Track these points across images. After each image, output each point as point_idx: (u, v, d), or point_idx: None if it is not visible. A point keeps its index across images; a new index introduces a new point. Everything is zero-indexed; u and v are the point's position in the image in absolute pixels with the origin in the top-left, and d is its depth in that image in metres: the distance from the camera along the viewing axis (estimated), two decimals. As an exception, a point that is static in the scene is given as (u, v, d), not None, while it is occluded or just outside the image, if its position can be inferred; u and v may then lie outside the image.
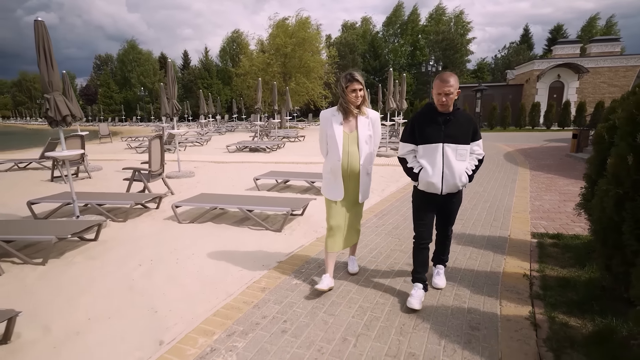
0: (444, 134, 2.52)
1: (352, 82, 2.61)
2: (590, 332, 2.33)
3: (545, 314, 2.55)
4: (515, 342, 2.26)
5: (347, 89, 2.63)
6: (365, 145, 2.74)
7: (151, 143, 6.33)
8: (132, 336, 2.47)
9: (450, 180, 2.54)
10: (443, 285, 2.94)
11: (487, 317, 2.53)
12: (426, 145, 2.58)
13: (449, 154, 2.52)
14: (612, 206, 2.50)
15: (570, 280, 2.99)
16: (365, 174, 2.82)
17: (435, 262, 3.04)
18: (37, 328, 2.59)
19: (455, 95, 2.49)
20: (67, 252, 4.03)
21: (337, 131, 2.70)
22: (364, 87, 2.67)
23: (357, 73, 2.66)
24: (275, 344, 2.28)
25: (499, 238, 4.09)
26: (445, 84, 2.43)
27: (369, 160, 2.82)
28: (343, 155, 2.71)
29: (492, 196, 6.04)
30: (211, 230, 4.68)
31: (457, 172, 2.53)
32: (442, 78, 2.46)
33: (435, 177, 2.55)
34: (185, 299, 2.93)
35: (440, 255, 3.00)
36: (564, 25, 46.21)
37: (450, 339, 2.29)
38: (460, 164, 2.55)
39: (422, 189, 2.65)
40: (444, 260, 3.04)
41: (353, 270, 3.22)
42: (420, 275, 2.76)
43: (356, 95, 2.64)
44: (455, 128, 2.52)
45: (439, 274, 2.99)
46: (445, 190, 2.58)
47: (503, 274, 3.20)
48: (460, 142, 2.53)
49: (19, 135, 37.14)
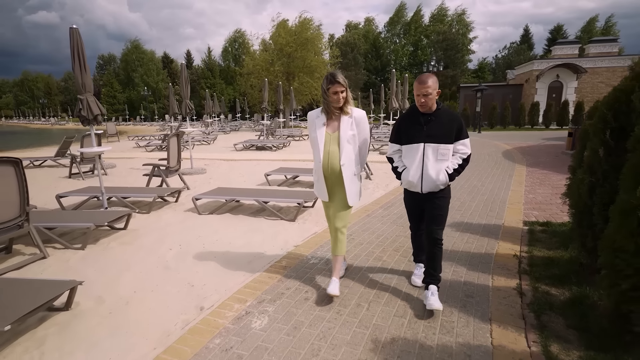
0: (425, 134, 2.56)
1: (333, 84, 2.59)
2: (567, 298, 2.74)
3: (530, 285, 2.96)
4: (503, 306, 2.67)
5: (328, 90, 2.61)
6: (347, 145, 2.70)
7: (169, 141, 6.74)
8: (175, 304, 2.88)
9: (429, 180, 2.59)
10: (439, 307, 2.53)
11: (480, 288, 2.95)
12: (409, 146, 2.65)
13: (429, 154, 2.57)
14: (586, 192, 2.92)
15: (554, 259, 3.40)
16: (350, 175, 2.74)
17: (427, 282, 2.70)
18: (91, 299, 3.00)
19: (435, 96, 2.52)
20: (102, 239, 4.44)
21: (319, 132, 2.73)
22: (347, 89, 2.64)
23: (338, 75, 2.61)
24: (300, 308, 2.69)
25: (493, 226, 4.50)
26: (423, 85, 2.48)
27: (353, 160, 2.76)
28: (324, 155, 2.72)
29: (489, 190, 6.44)
30: (230, 220, 5.10)
31: (434, 172, 2.57)
32: (420, 80, 2.52)
33: (415, 177, 2.62)
34: (217, 276, 3.34)
35: (432, 271, 2.68)
36: (564, 26, 46.67)
37: (449, 304, 2.70)
38: (440, 163, 2.58)
39: (404, 187, 2.80)
40: (436, 278, 2.68)
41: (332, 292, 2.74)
42: (420, 257, 3.03)
43: (337, 97, 2.62)
44: (437, 128, 2.56)
45: (433, 294, 2.61)
46: (425, 189, 2.63)
47: (496, 254, 3.61)
48: (442, 142, 2.56)
49: (25, 134, 37.60)
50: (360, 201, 5.85)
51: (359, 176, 2.88)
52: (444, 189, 2.66)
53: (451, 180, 2.61)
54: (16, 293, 2.53)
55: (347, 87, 2.65)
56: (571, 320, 2.45)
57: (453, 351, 2.19)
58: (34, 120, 72.32)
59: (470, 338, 2.31)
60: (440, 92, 2.60)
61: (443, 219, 2.69)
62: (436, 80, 2.53)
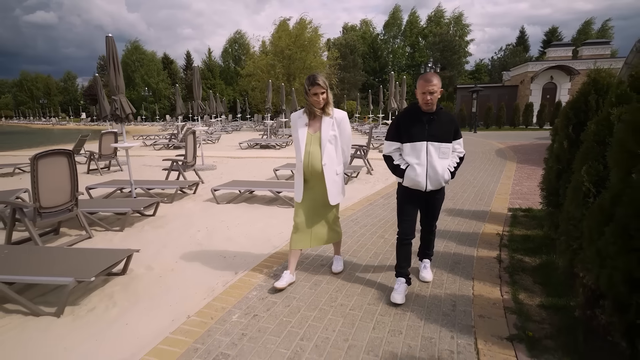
0: (428, 133, 2.62)
1: (314, 85, 2.65)
2: (536, 264, 3.34)
3: (508, 255, 3.56)
4: (484, 269, 3.27)
5: (309, 91, 2.69)
6: (329, 145, 2.76)
7: (187, 138, 7.32)
8: (213, 270, 3.46)
9: (434, 177, 2.65)
10: (430, 279, 3.03)
11: (466, 257, 3.55)
12: (411, 144, 2.67)
13: (432, 152, 2.63)
14: (554, 177, 3.52)
15: (530, 236, 4.01)
16: (333, 174, 2.80)
17: (421, 257, 3.14)
18: (141, 267, 3.58)
19: (439, 94, 2.60)
20: (136, 224, 5.02)
21: (301, 132, 2.79)
22: (327, 90, 2.71)
23: (319, 77, 2.68)
24: (319, 271, 3.29)
25: (481, 212, 5.10)
26: (428, 83, 2.54)
27: (335, 160, 2.82)
28: (305, 155, 2.78)
29: (480, 183, 7.05)
30: (247, 209, 5.68)
31: (440, 169, 2.64)
32: (425, 78, 2.58)
33: (421, 175, 2.65)
34: (244, 250, 3.93)
35: (425, 250, 3.11)
36: (558, 28, 47.50)
37: (440, 268, 3.30)
38: (443, 161, 2.67)
39: (407, 185, 2.73)
40: (429, 255, 3.13)
41: (337, 269, 3.20)
42: (404, 270, 2.84)
43: (318, 98, 2.68)
44: (438, 127, 2.64)
45: (426, 267, 3.09)
46: (429, 187, 2.68)
47: (481, 233, 4.21)
48: (443, 141, 2.64)
49: (30, 134, 38.01)
50: (363, 192, 6.49)
51: (341, 176, 2.93)
52: (443, 188, 2.81)
53: (452, 178, 2.75)
54: (89, 258, 3.11)
55: (328, 89, 2.72)
56: (537, 278, 3.05)
57: (442, 299, 2.78)
58: (34, 120, 72.51)
59: (456, 290, 2.91)
60: (443, 92, 2.69)
61: (438, 214, 2.97)
62: (440, 80, 2.63)
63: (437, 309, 2.65)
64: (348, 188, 7.05)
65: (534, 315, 2.53)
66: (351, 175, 7.69)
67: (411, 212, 2.83)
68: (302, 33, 28.96)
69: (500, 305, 2.68)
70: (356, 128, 24.67)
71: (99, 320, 2.64)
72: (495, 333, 2.33)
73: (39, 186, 3.84)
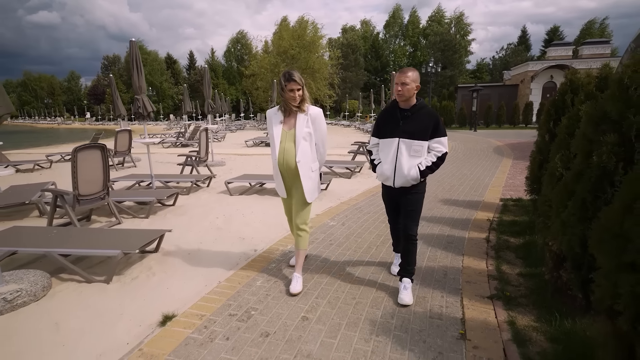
0: (401, 129, 2.61)
1: (289, 81, 2.63)
2: (520, 243, 3.79)
3: (495, 236, 4.02)
4: (474, 247, 3.73)
5: (285, 87, 2.67)
6: (303, 142, 2.73)
7: (200, 135, 7.80)
8: (234, 249, 3.92)
9: (401, 174, 2.63)
10: (409, 302, 2.64)
11: (458, 238, 4.00)
12: (385, 140, 2.71)
13: (403, 149, 2.61)
14: (537, 167, 3.97)
15: (517, 221, 4.45)
16: (308, 171, 2.77)
17: (401, 275, 2.80)
18: (171, 246, 4.04)
19: (414, 89, 2.58)
20: (159, 212, 5.48)
21: (275, 129, 2.78)
22: (303, 87, 2.68)
23: (295, 73, 2.66)
24: (328, 249, 3.75)
25: (475, 201, 5.55)
26: (402, 74, 2.57)
27: (310, 157, 2.80)
28: (279, 152, 2.78)
29: (476, 177, 7.50)
30: (258, 199, 6.15)
31: (406, 167, 2.60)
32: (401, 70, 2.61)
33: (389, 170, 2.67)
34: (260, 233, 4.39)
35: (406, 266, 2.78)
36: (560, 27, 47.80)
37: (434, 247, 3.76)
38: (413, 159, 2.60)
39: (379, 180, 2.85)
40: (410, 272, 2.77)
41: (292, 290, 2.81)
42: (399, 248, 3.01)
43: (294, 94, 2.65)
44: (413, 124, 2.60)
45: (406, 288, 2.71)
46: (397, 184, 2.67)
47: (474, 219, 4.67)
48: (417, 139, 2.59)
49: (35, 134, 38.62)
50: (366, 185, 6.95)
51: (317, 173, 2.91)
52: (417, 185, 2.68)
53: (423, 177, 2.62)
54: (129, 235, 3.58)
55: (304, 86, 2.70)
56: (519, 254, 3.51)
57: (435, 270, 3.24)
58: (39, 120, 73.20)
59: (448, 263, 3.37)
60: (420, 87, 2.65)
61: (416, 214, 2.73)
62: (417, 75, 2.61)
63: (430, 277, 3.11)
64: (352, 182, 7.53)
65: (513, 281, 2.99)
66: (354, 170, 8.14)
67: (391, 206, 2.94)
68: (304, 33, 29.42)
69: (485, 274, 3.13)
70: (358, 127, 25.16)
71: (143, 286, 3.11)
72: (478, 294, 2.79)
73: (78, 175, 4.31)
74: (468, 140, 16.23)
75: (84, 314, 2.67)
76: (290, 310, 2.59)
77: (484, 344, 2.19)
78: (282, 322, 2.45)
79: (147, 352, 2.16)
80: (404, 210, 2.76)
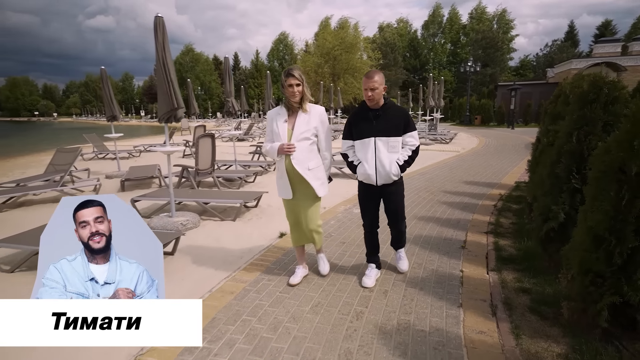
0: (375, 128, 2.70)
1: (288, 77, 2.66)
2: (519, 207, 5.13)
3: (502, 204, 5.37)
4: (475, 229, 4.96)
5: (285, 83, 2.68)
6: (303, 141, 2.73)
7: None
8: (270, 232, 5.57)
9: (383, 172, 2.72)
10: (406, 269, 3.14)
11: (473, 204, 5.42)
12: (361, 141, 2.77)
13: (381, 147, 2.70)
14: (538, 155, 5.27)
15: (522, 196, 5.75)
16: (305, 170, 2.74)
17: (395, 247, 3.28)
18: (264, 205, 5.75)
19: (382, 91, 2.66)
20: (246, 186, 7.28)
21: (281, 128, 2.75)
22: (303, 84, 2.67)
23: (295, 69, 2.69)
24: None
25: (493, 183, 6.87)
26: (370, 79, 2.63)
27: (307, 156, 2.76)
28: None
29: (501, 166, 8.71)
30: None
31: (387, 163, 2.70)
32: (367, 75, 2.66)
33: (370, 169, 2.74)
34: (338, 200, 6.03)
35: (399, 243, 3.20)
36: (613, 20, 45.60)
37: (446, 227, 5.19)
38: (392, 155, 2.72)
39: (361, 179, 2.87)
40: (403, 244, 3.21)
41: (323, 272, 3.15)
42: (374, 257, 3.10)
43: (292, 90, 2.65)
44: (386, 122, 2.70)
45: (401, 257, 3.18)
46: (379, 182, 2.76)
47: (488, 194, 6.01)
48: (392, 135, 2.70)
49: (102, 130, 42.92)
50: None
51: (320, 169, 2.85)
52: (397, 184, 2.83)
53: (402, 171, 2.76)
54: (241, 193, 5.34)
55: (304, 83, 2.69)
56: (515, 214, 4.86)
57: (441, 242, 4.57)
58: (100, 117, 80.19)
59: (462, 217, 4.81)
60: (387, 88, 2.75)
61: (401, 212, 3.00)
62: (382, 77, 2.71)
63: (448, 224, 4.58)
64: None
65: (504, 225, 4.39)
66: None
67: (369, 206, 2.98)
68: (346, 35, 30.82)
69: (486, 222, 4.56)
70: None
71: (256, 224, 4.83)
72: (479, 231, 4.24)
73: (199, 155, 6.17)
74: (502, 137, 17.02)
75: (229, 235, 4.42)
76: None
77: (475, 250, 3.66)
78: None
79: (277, 246, 3.85)
80: (388, 211, 2.99)
